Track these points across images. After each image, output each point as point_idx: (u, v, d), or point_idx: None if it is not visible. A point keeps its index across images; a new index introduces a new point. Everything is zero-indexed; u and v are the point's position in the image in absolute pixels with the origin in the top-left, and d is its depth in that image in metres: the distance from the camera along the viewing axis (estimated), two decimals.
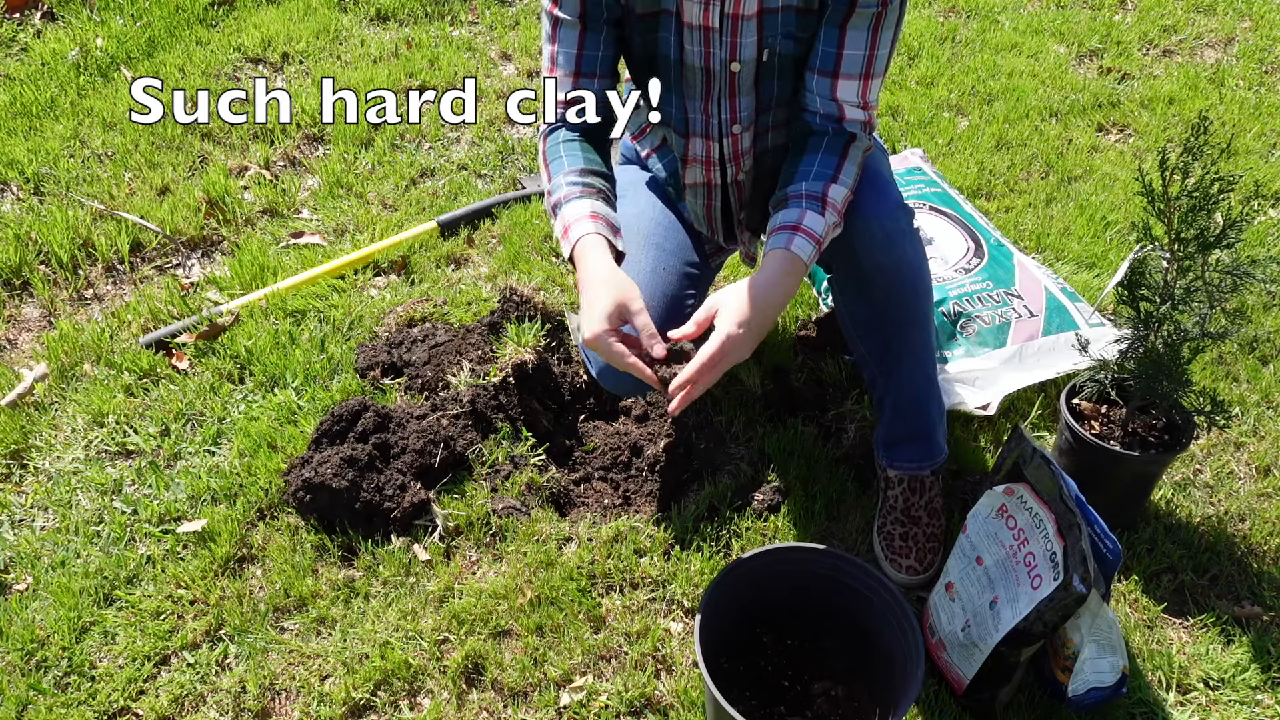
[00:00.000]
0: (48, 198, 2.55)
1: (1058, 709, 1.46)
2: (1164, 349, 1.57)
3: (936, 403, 1.68)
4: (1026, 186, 2.61)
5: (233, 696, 1.52)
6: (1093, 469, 1.64)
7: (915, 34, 3.27)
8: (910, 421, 1.67)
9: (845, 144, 1.42)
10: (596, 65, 1.46)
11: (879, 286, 1.50)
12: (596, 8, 1.42)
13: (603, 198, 1.44)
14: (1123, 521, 1.71)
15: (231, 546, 1.71)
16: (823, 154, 1.41)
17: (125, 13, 3.30)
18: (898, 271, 1.48)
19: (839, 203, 1.38)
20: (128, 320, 2.19)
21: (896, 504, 1.69)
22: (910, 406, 1.65)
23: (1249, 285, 1.49)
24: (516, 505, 1.78)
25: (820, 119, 1.43)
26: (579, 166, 1.45)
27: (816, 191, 1.37)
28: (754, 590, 1.46)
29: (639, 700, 1.50)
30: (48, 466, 1.89)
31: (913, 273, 1.51)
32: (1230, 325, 1.57)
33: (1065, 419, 1.68)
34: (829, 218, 1.37)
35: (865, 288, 1.51)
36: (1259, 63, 3.14)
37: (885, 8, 1.35)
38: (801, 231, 1.35)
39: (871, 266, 1.47)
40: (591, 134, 1.51)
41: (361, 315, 2.20)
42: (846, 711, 1.46)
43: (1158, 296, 1.56)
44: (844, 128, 1.42)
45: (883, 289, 1.50)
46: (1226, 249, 1.47)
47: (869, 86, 1.40)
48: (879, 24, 1.36)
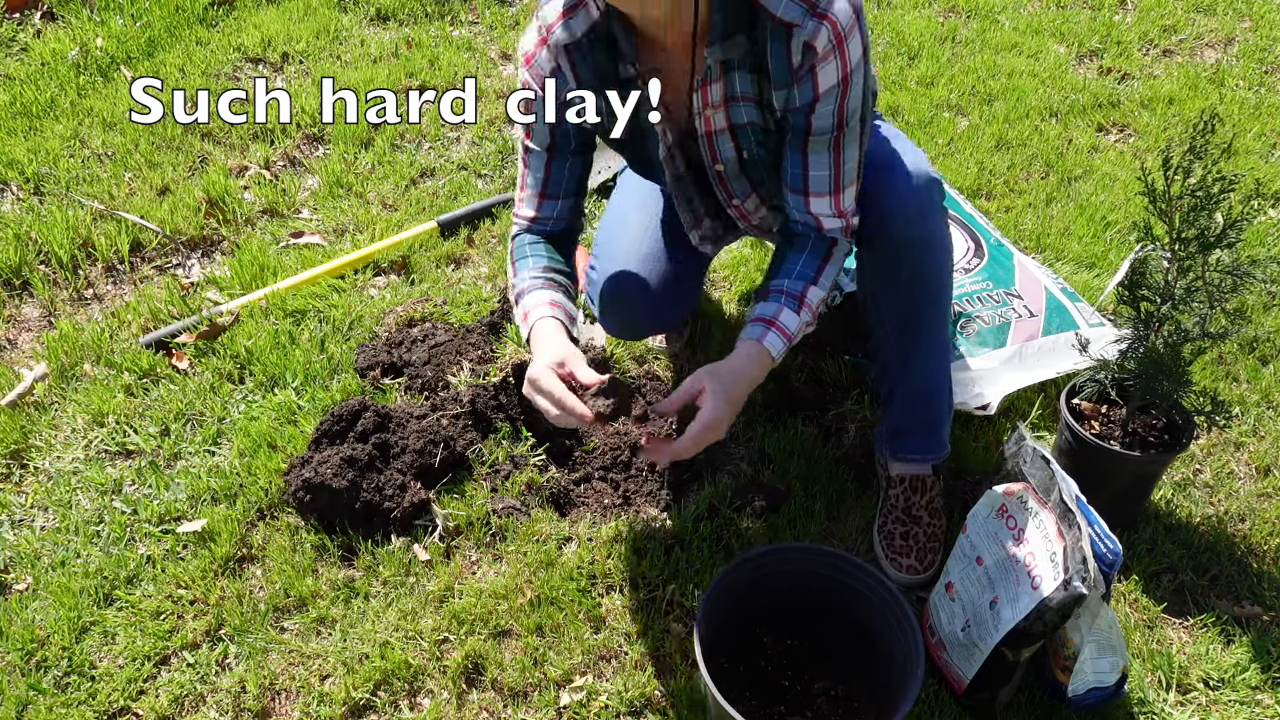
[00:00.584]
0: (48, 198, 2.55)
1: (1058, 709, 1.46)
2: (1164, 349, 1.57)
3: (947, 396, 1.68)
4: (1026, 186, 2.61)
5: (233, 696, 1.52)
6: (1093, 469, 1.64)
7: (915, 34, 3.27)
8: (920, 411, 1.67)
9: (828, 248, 1.49)
10: (561, 188, 1.56)
11: (908, 260, 1.52)
12: (565, 140, 1.51)
13: (563, 291, 1.54)
14: (1123, 521, 1.71)
15: (231, 546, 1.71)
16: (807, 255, 1.48)
17: (125, 13, 3.30)
18: (928, 246, 1.52)
19: (815, 304, 1.47)
20: (128, 320, 2.19)
21: (898, 503, 1.69)
22: (922, 395, 1.65)
23: (1249, 285, 1.49)
24: (516, 505, 1.78)
25: (801, 226, 1.50)
26: (543, 265, 1.55)
27: (796, 291, 1.46)
28: (754, 590, 1.46)
29: (639, 700, 1.50)
30: (48, 466, 1.89)
31: (941, 249, 1.54)
32: (1230, 325, 1.57)
33: (1065, 419, 1.68)
34: (803, 317, 1.46)
35: (894, 261, 1.53)
36: (1259, 63, 3.14)
37: (842, 131, 1.39)
38: (775, 328, 1.45)
39: (903, 239, 1.49)
40: (555, 238, 1.60)
41: (361, 315, 2.20)
42: (846, 711, 1.46)
43: (1158, 296, 1.56)
44: (825, 235, 1.49)
45: (911, 263, 1.52)
46: (1227, 249, 1.47)
47: (840, 199, 1.45)
48: (838, 145, 1.40)
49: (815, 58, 1.32)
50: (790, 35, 1.31)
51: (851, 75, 1.34)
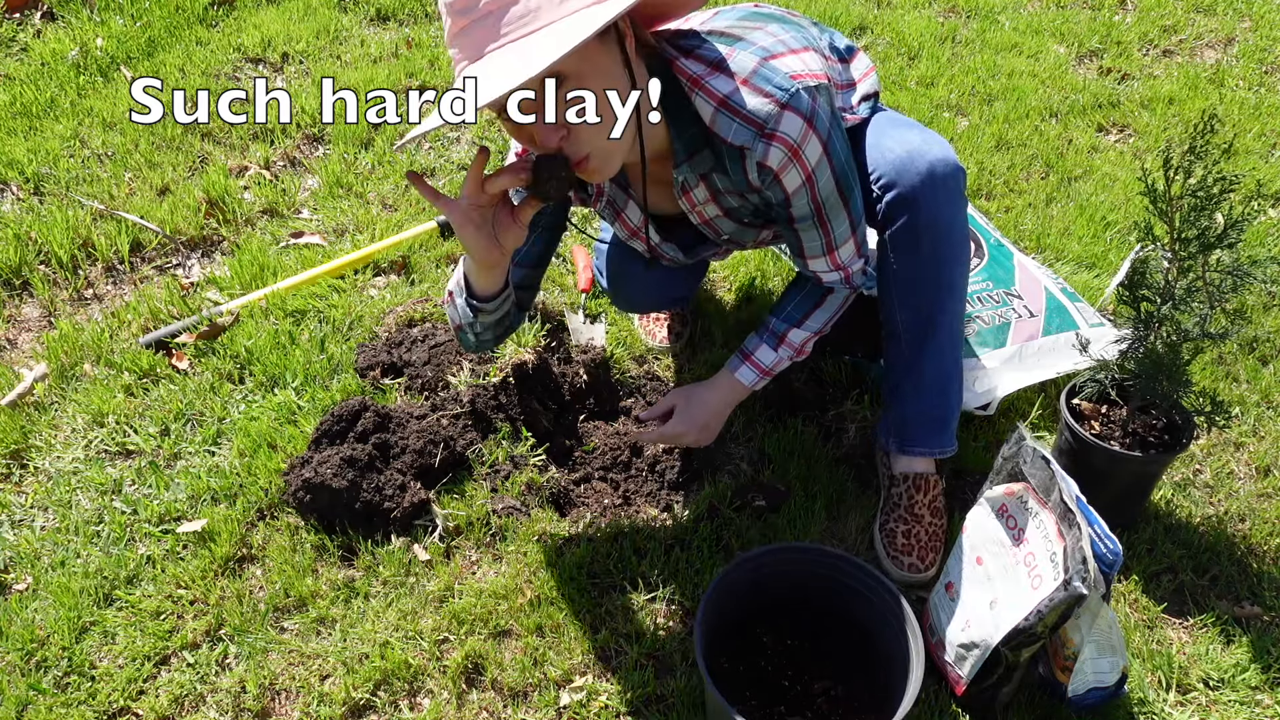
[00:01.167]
0: (48, 198, 2.55)
1: (1058, 709, 1.46)
2: (1164, 349, 1.57)
3: (958, 390, 1.69)
4: (1026, 186, 2.61)
5: (233, 696, 1.52)
6: (1093, 469, 1.64)
7: (915, 34, 3.27)
8: (929, 401, 1.67)
9: (823, 294, 1.63)
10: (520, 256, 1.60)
11: (928, 241, 1.53)
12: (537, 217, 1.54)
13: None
14: (1123, 521, 1.71)
15: (231, 546, 1.71)
16: (802, 297, 1.64)
17: (125, 13, 3.30)
18: (951, 229, 1.54)
19: (797, 343, 1.64)
20: (128, 320, 2.19)
21: (900, 501, 1.69)
22: (933, 386, 1.66)
23: (1249, 285, 1.49)
24: (516, 505, 1.78)
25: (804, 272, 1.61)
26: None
27: (779, 331, 1.64)
28: (754, 590, 1.46)
29: (639, 700, 1.50)
30: (48, 466, 1.89)
31: (961, 234, 1.56)
32: (1230, 325, 1.57)
33: (1065, 419, 1.68)
34: (781, 354, 1.64)
35: (917, 243, 1.53)
36: (1259, 63, 3.14)
37: (822, 210, 1.44)
38: (750, 361, 1.65)
39: (929, 220, 1.50)
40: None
41: (361, 315, 2.20)
42: (846, 711, 1.46)
43: (1158, 296, 1.56)
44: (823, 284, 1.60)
45: (932, 244, 1.53)
46: (1227, 249, 1.47)
47: (836, 257, 1.53)
48: (822, 219, 1.46)
49: (773, 173, 1.36)
50: (744, 157, 1.36)
51: (815, 173, 1.38)
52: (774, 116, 1.31)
